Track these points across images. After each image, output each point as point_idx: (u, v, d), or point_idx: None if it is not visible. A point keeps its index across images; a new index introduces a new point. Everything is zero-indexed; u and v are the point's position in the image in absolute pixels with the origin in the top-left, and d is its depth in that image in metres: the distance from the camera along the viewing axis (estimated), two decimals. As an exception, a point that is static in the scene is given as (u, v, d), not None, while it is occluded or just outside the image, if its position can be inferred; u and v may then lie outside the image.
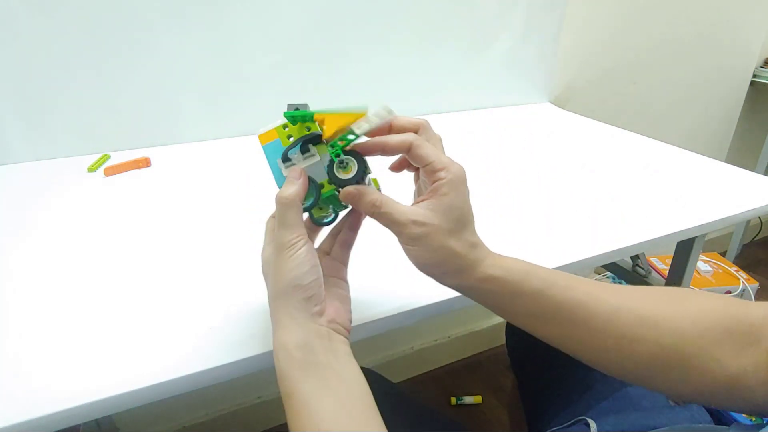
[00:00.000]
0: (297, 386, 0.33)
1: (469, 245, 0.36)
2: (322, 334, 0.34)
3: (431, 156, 0.35)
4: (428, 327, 1.39)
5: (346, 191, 0.36)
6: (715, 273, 1.53)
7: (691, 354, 0.34)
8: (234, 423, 1.17)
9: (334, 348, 0.34)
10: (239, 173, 0.77)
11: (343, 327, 0.36)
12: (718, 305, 0.36)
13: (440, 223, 0.34)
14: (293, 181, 0.36)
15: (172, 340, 0.41)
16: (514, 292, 0.37)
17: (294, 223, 0.35)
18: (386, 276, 0.50)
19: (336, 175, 0.37)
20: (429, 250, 0.35)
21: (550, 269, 0.38)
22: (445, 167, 0.35)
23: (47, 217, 0.63)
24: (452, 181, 0.34)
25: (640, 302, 0.37)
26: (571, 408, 0.60)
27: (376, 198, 0.35)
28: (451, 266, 0.36)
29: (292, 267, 0.34)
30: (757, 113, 1.67)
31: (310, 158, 0.38)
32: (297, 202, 0.35)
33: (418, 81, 1.03)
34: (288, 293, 0.34)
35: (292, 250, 0.34)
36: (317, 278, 0.35)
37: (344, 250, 0.41)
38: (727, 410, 0.35)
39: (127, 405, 0.37)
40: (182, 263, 0.53)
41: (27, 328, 0.43)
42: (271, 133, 0.38)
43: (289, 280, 0.34)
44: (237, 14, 0.84)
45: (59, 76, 0.78)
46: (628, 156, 0.86)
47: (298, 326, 0.34)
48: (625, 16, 1.22)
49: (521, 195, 0.70)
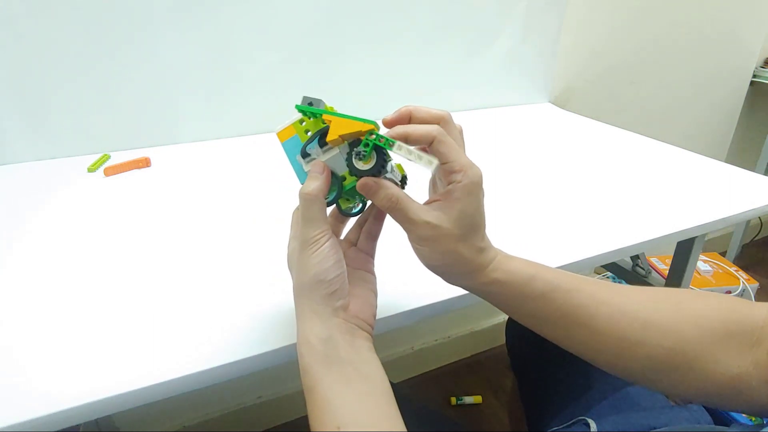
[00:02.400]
0: (318, 381, 0.33)
1: (477, 250, 0.36)
2: (345, 329, 0.34)
3: (451, 155, 0.34)
4: (428, 327, 1.39)
5: (362, 182, 0.36)
6: (715, 273, 1.53)
7: (693, 356, 0.35)
8: (234, 423, 1.17)
9: (356, 343, 0.35)
10: (239, 173, 0.77)
11: (366, 323, 0.37)
12: (720, 307, 0.37)
13: (451, 228, 0.34)
14: (316, 176, 0.36)
15: (172, 340, 0.41)
16: (518, 295, 0.37)
17: (318, 218, 0.35)
18: (386, 276, 0.50)
19: (355, 166, 0.36)
20: (437, 252, 0.35)
21: (556, 271, 0.38)
22: (462, 170, 0.34)
23: (47, 217, 0.63)
24: (467, 186, 0.34)
25: (642, 305, 0.37)
26: (571, 408, 0.60)
27: (393, 193, 0.35)
28: (458, 269, 0.36)
29: (316, 262, 0.34)
30: (757, 113, 1.67)
31: (329, 151, 0.37)
32: (320, 197, 0.35)
33: (418, 81, 1.03)
34: (312, 288, 0.34)
35: (316, 245, 0.34)
36: (341, 273, 0.35)
37: (370, 240, 0.41)
38: (729, 411, 0.35)
39: (127, 405, 0.37)
40: (182, 263, 0.53)
41: (27, 328, 0.43)
42: (289, 130, 0.38)
43: (312, 275, 0.34)
44: (237, 14, 0.84)
45: (59, 76, 0.78)
46: (628, 156, 0.86)
47: (321, 321, 0.34)
48: (625, 16, 1.22)
49: (521, 195, 0.70)
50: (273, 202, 0.66)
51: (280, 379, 1.20)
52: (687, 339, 0.35)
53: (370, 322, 0.37)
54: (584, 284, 0.37)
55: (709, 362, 0.34)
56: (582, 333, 0.37)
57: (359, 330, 0.36)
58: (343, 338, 0.34)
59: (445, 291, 0.46)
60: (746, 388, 0.34)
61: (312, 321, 0.34)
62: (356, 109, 0.36)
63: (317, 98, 0.37)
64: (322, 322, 0.34)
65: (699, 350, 0.35)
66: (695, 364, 0.35)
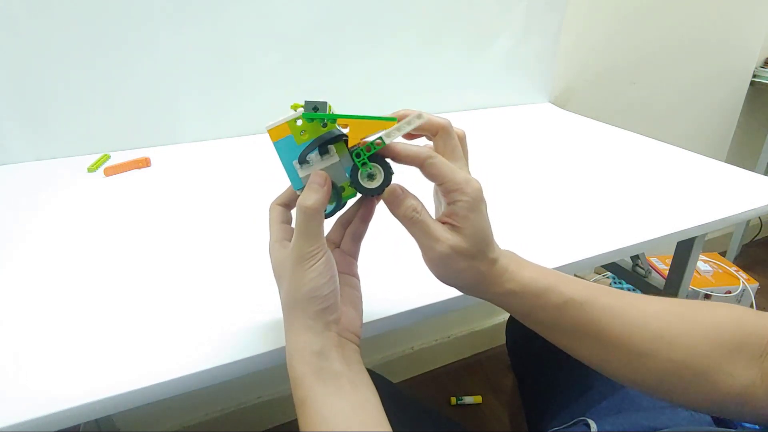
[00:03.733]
0: (311, 394, 0.32)
1: (490, 262, 0.36)
2: (336, 343, 0.34)
3: (446, 176, 0.34)
4: (428, 327, 1.39)
5: (391, 190, 0.35)
6: (715, 273, 1.53)
7: (703, 368, 0.35)
8: (234, 423, 1.17)
9: (347, 356, 0.35)
10: (239, 173, 0.77)
11: (355, 334, 0.37)
12: (732, 318, 0.37)
13: (468, 247, 0.34)
14: (317, 188, 0.34)
15: (172, 340, 0.41)
16: (530, 307, 0.37)
17: (315, 234, 0.33)
18: (386, 276, 0.50)
19: (361, 184, 0.35)
20: (453, 270, 0.36)
21: (571, 281, 0.38)
22: (460, 188, 0.33)
23: (47, 217, 0.63)
24: (469, 203, 0.34)
25: (654, 317, 0.37)
26: (571, 408, 0.60)
27: (416, 204, 0.35)
28: (472, 281, 0.36)
29: (311, 278, 0.33)
30: (757, 113, 1.67)
31: (328, 159, 0.35)
32: (321, 210, 0.34)
33: (418, 81, 1.03)
34: (305, 304, 0.33)
35: (312, 260, 0.33)
36: (335, 288, 0.34)
37: (355, 242, 0.40)
38: (738, 421, 0.36)
39: (127, 405, 0.37)
40: (182, 263, 0.53)
41: (27, 328, 0.43)
42: (282, 128, 0.35)
43: (306, 290, 0.33)
44: (237, 14, 0.84)
45: (59, 76, 0.78)
46: (628, 156, 0.86)
47: (314, 335, 0.33)
48: (625, 17, 1.22)
49: (521, 195, 0.70)
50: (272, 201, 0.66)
51: (280, 379, 1.20)
52: (697, 352, 0.35)
53: (358, 333, 0.37)
54: (598, 296, 0.37)
55: (719, 374, 0.34)
56: (594, 345, 0.37)
57: (348, 342, 0.36)
58: (336, 351, 0.34)
59: (445, 291, 0.46)
60: (753, 400, 0.34)
61: (305, 334, 0.33)
62: (356, 109, 0.36)
63: (321, 101, 0.34)
64: (315, 336, 0.33)
65: (709, 362, 0.35)
66: (705, 375, 0.35)
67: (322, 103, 0.34)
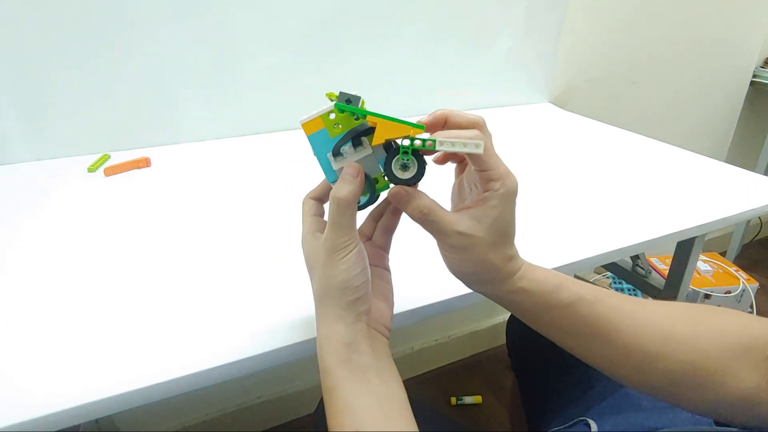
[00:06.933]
0: (340, 384, 0.33)
1: (506, 258, 0.36)
2: (367, 334, 0.34)
3: (491, 162, 0.33)
4: (428, 327, 1.39)
5: (394, 192, 0.35)
6: (715, 273, 1.53)
7: (710, 371, 0.35)
8: (234, 423, 1.17)
9: (376, 348, 0.35)
10: (239, 173, 0.77)
11: (384, 327, 0.37)
12: (738, 322, 0.37)
13: (484, 236, 0.34)
14: (350, 179, 0.34)
15: (172, 340, 0.41)
16: (542, 305, 0.37)
17: (348, 225, 0.34)
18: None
19: (394, 173, 0.34)
20: (468, 261, 0.35)
21: (580, 282, 0.38)
22: (501, 179, 0.33)
23: (47, 217, 0.63)
24: (504, 195, 0.34)
25: (662, 319, 0.37)
26: (571, 408, 0.60)
27: (425, 204, 0.34)
28: (486, 276, 0.36)
29: (344, 269, 0.33)
30: (757, 113, 1.67)
31: (361, 151, 0.35)
32: (354, 202, 0.34)
33: (419, 81, 1.03)
34: (337, 294, 0.34)
35: (344, 252, 0.33)
36: (367, 280, 0.34)
37: (386, 235, 0.41)
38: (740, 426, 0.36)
39: (127, 405, 0.37)
40: (182, 263, 0.53)
41: (27, 328, 0.43)
42: (316, 122, 0.35)
43: (338, 282, 0.33)
44: (237, 14, 0.84)
45: (59, 76, 0.78)
46: (629, 156, 0.86)
47: (345, 326, 0.34)
48: (626, 17, 1.22)
49: (521, 195, 0.69)
50: (273, 201, 0.66)
51: (280, 379, 1.21)
52: (704, 354, 0.35)
53: (388, 326, 0.37)
54: (607, 297, 0.37)
55: (726, 377, 0.35)
56: (604, 345, 0.37)
57: (378, 334, 0.36)
58: (366, 343, 0.34)
59: (445, 291, 0.46)
60: (758, 403, 0.34)
61: (337, 325, 0.34)
62: (356, 109, 0.36)
63: (356, 95, 0.34)
64: (346, 327, 0.34)
65: (717, 365, 0.35)
66: (713, 377, 0.35)
67: (356, 97, 0.34)
